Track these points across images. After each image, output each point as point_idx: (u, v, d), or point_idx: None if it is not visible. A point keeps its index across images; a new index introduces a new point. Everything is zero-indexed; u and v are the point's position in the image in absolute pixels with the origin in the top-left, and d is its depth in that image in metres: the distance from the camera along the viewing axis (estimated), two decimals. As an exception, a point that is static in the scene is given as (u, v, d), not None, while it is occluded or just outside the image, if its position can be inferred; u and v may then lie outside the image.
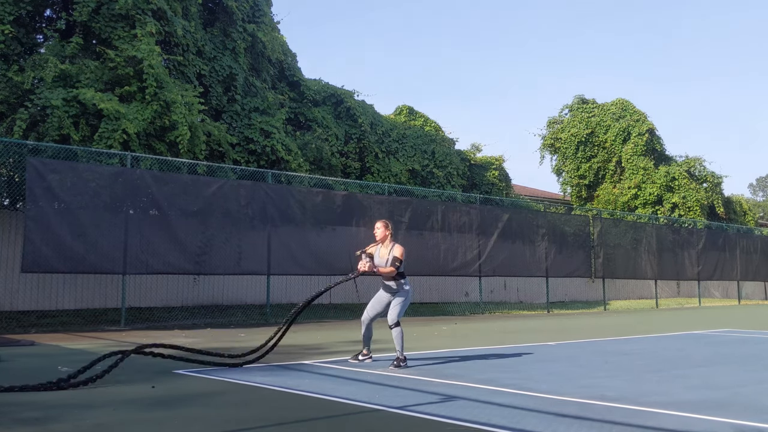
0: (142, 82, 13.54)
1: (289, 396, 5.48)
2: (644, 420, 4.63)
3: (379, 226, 7.56)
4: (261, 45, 17.80)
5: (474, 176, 23.93)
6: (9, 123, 12.61)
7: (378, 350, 8.31)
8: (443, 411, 4.86)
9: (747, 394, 5.74)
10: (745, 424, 4.52)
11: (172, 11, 14.99)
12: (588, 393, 5.66)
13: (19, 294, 13.27)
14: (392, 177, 20.30)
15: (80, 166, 11.86)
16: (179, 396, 5.47)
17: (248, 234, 13.98)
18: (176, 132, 13.64)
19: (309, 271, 15.11)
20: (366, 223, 15.66)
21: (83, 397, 5.29)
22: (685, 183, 30.47)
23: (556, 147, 33.63)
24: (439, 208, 17.60)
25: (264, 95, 17.63)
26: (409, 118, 23.42)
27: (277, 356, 7.93)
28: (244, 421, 4.53)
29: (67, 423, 4.39)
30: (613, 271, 22.54)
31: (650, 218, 27.34)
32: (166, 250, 12.63)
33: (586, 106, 33.45)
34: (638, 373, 7.06)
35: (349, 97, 20.48)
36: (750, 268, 28.38)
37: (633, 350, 9.34)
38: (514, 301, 23.02)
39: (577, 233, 21.51)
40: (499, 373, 6.89)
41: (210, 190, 13.33)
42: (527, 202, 25.00)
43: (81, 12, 13.66)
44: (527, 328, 13.61)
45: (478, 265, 18.17)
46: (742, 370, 7.42)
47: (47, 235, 11.22)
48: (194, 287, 15.59)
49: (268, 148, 16.64)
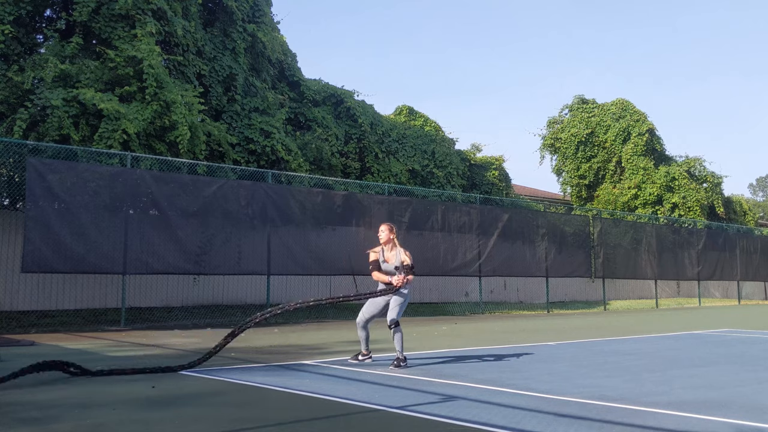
0: (142, 82, 13.54)
1: (289, 396, 5.47)
2: (644, 420, 4.63)
3: (384, 229, 7.54)
4: (261, 45, 17.81)
5: (474, 176, 23.93)
6: (9, 123, 12.61)
7: (378, 350, 8.31)
8: (443, 411, 4.86)
9: (747, 394, 5.74)
10: (745, 424, 4.52)
11: (172, 11, 14.99)
12: (588, 393, 5.66)
13: (19, 294, 13.28)
14: (392, 177, 20.30)
15: (80, 166, 11.85)
16: (179, 396, 5.47)
17: (248, 234, 13.98)
18: (176, 132, 13.64)
19: (309, 271, 15.11)
20: (366, 223, 15.66)
21: (83, 397, 5.29)
22: (685, 183, 30.47)
23: (556, 147, 33.63)
24: (439, 208, 17.59)
25: (264, 95, 17.63)
26: (409, 118, 23.42)
27: (277, 356, 7.93)
28: (244, 421, 4.53)
29: (67, 423, 4.39)
30: (613, 271, 22.54)
31: (650, 218, 27.34)
32: (166, 250, 12.63)
33: (586, 106, 33.46)
34: (638, 373, 7.06)
35: (349, 97, 20.48)
36: (750, 268, 28.38)
37: (633, 350, 9.34)
38: (514, 301, 23.02)
39: (577, 233, 21.51)
40: (499, 373, 6.89)
41: (210, 190, 13.33)
42: (527, 202, 25.00)
43: (81, 12, 13.66)
44: (527, 328, 13.61)
45: (478, 265, 18.17)
46: (742, 370, 7.42)
47: (47, 235, 11.21)
48: (194, 287, 15.59)
49: (268, 148, 16.63)
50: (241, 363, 7.56)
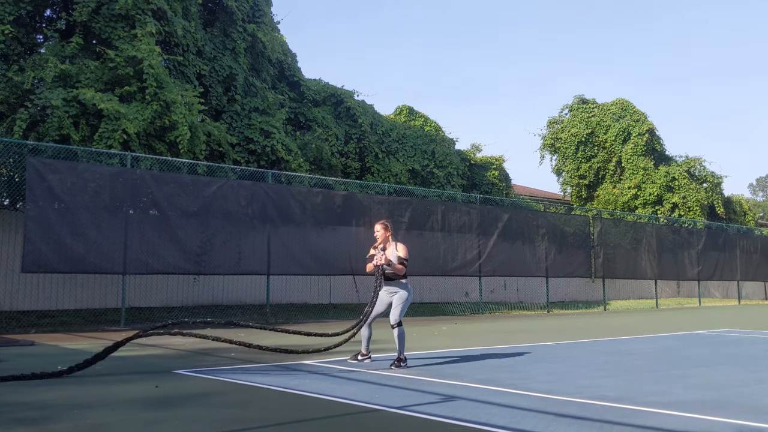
0: (142, 82, 13.53)
1: (289, 396, 5.47)
2: (644, 420, 4.63)
3: (379, 228, 7.55)
4: (261, 45, 17.81)
5: (474, 176, 23.93)
6: (9, 123, 12.61)
7: (378, 350, 8.31)
8: (443, 411, 4.85)
9: (747, 394, 5.74)
10: (745, 424, 4.51)
11: (172, 11, 14.99)
12: (588, 393, 5.66)
13: (19, 294, 13.27)
14: (392, 177, 20.30)
15: (80, 166, 11.85)
16: (179, 396, 5.46)
17: (248, 234, 13.98)
18: (176, 132, 13.64)
19: (309, 271, 15.11)
20: (366, 223, 15.66)
21: (83, 397, 5.29)
22: (685, 183, 30.47)
23: (556, 147, 33.64)
24: (439, 208, 17.59)
25: (264, 95, 17.63)
26: (409, 118, 23.42)
27: (278, 356, 7.93)
28: (244, 421, 4.53)
29: (67, 423, 4.39)
30: (613, 271, 22.54)
31: (650, 218, 27.34)
32: (166, 250, 12.63)
33: (586, 106, 33.46)
34: (638, 373, 7.06)
35: (349, 97, 20.48)
36: (750, 268, 28.38)
37: (633, 350, 9.34)
38: (514, 301, 23.02)
39: (577, 233, 21.50)
40: (499, 373, 6.89)
41: (210, 190, 13.32)
42: (527, 202, 25.00)
43: (81, 12, 13.66)
44: (527, 328, 13.60)
45: (478, 265, 18.16)
46: (742, 370, 7.42)
47: (47, 235, 11.21)
48: (194, 287, 15.59)
49: (268, 148, 16.63)
50: (241, 363, 7.56)
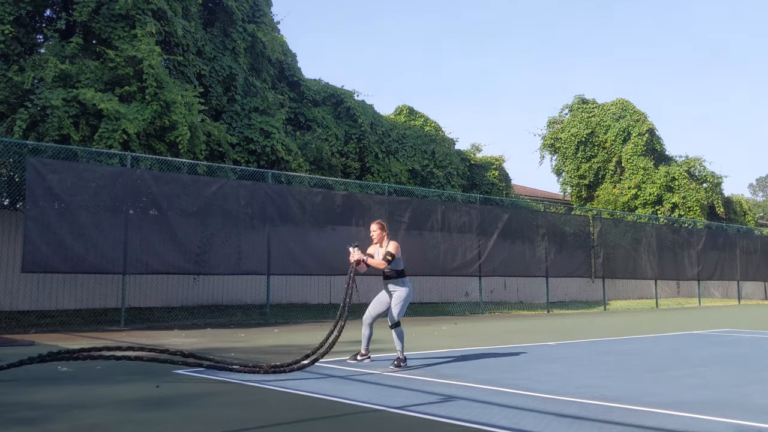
0: (142, 82, 13.53)
1: (289, 396, 5.47)
2: (644, 420, 4.63)
3: (374, 228, 7.61)
4: (261, 45, 17.81)
5: (474, 176, 23.93)
6: (9, 123, 12.61)
7: (378, 350, 8.31)
8: (443, 411, 4.85)
9: (747, 394, 5.74)
10: (745, 424, 4.51)
11: (172, 11, 14.99)
12: (588, 393, 5.66)
13: (19, 294, 13.28)
14: (392, 177, 20.29)
15: (80, 166, 11.85)
16: (179, 396, 5.46)
17: (248, 234, 13.97)
18: (176, 132, 13.64)
19: (309, 271, 15.10)
20: (366, 223, 15.62)
21: (82, 397, 5.28)
22: (685, 183, 30.47)
23: (556, 147, 33.63)
24: (439, 208, 17.59)
25: (264, 95, 17.63)
26: (409, 118, 23.42)
27: (277, 356, 7.92)
28: (244, 421, 4.52)
29: (66, 423, 4.39)
30: (613, 271, 22.53)
31: (650, 218, 27.33)
32: (166, 250, 12.62)
33: (586, 106, 33.46)
34: (638, 373, 7.06)
35: (349, 97, 20.48)
36: (750, 268, 28.38)
37: (633, 350, 9.34)
38: (514, 301, 23.02)
39: (577, 233, 21.50)
40: (499, 373, 6.88)
41: (210, 190, 13.32)
42: (527, 202, 24.99)
43: (81, 12, 13.66)
44: (527, 328, 13.60)
45: (478, 265, 18.16)
46: (742, 370, 7.41)
47: (47, 235, 11.21)
48: (194, 287, 15.59)
49: (268, 148, 16.63)
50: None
